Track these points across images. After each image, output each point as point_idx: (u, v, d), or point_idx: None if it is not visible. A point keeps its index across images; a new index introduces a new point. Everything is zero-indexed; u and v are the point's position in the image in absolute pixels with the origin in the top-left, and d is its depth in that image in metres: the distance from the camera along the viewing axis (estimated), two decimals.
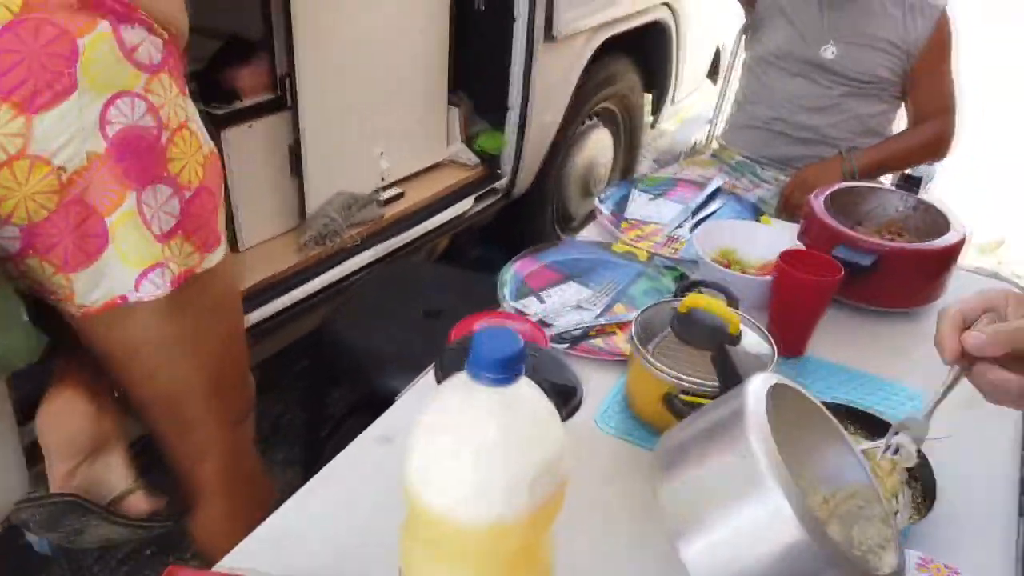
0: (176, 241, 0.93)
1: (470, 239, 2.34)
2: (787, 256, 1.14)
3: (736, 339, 0.96)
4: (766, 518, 0.54)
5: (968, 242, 1.24)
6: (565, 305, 1.23)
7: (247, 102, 1.54)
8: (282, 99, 1.54)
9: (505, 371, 0.50)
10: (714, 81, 2.55)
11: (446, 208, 1.94)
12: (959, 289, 1.28)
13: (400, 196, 1.87)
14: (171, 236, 0.92)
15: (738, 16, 2.15)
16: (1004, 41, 5.33)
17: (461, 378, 0.52)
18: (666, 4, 2.43)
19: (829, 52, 1.94)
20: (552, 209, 2.52)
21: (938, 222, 1.31)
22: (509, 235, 2.48)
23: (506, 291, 1.24)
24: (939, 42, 1.91)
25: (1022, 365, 0.65)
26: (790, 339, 1.15)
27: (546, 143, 2.19)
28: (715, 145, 2.20)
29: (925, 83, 1.94)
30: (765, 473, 0.55)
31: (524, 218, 2.42)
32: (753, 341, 1.01)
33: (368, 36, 1.66)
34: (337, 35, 1.57)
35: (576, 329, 1.17)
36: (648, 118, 2.95)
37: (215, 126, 1.48)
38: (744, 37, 2.17)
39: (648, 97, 2.85)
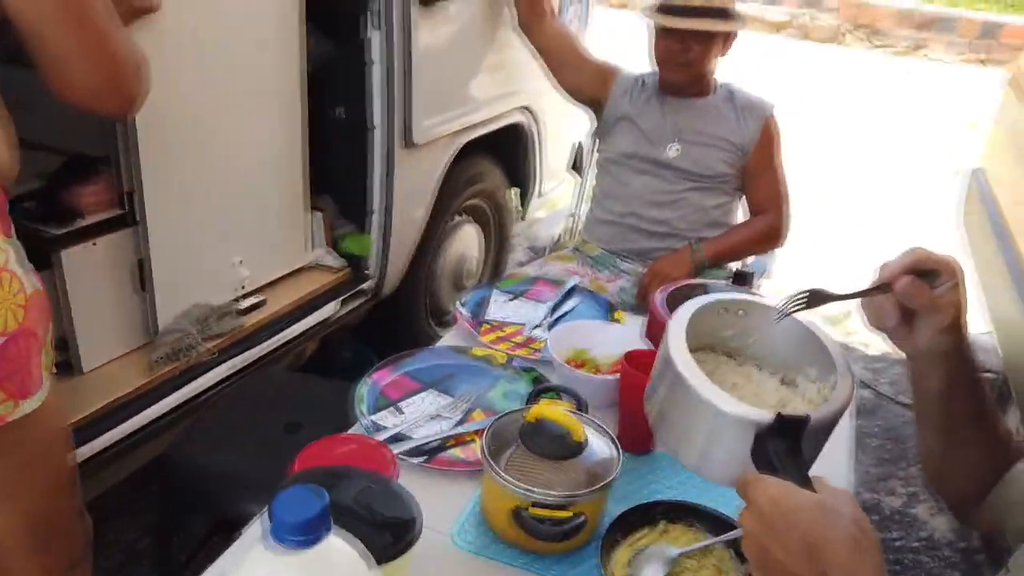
0: None
1: (341, 340, 2.31)
2: (632, 357, 1.19)
3: (581, 447, 0.99)
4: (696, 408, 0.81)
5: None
6: (423, 416, 1.23)
7: (89, 220, 1.48)
8: (128, 215, 1.50)
9: (306, 533, 0.49)
10: (577, 173, 2.70)
11: (310, 313, 1.91)
12: None
13: (261, 304, 1.83)
14: None
15: (591, 117, 2.30)
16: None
17: (267, 540, 0.51)
18: (524, 108, 2.57)
19: (672, 151, 2.09)
20: (424, 305, 2.54)
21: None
22: (382, 333, 2.46)
23: (363, 407, 1.23)
24: (767, 141, 2.11)
25: (912, 321, 0.83)
26: (637, 436, 1.19)
27: (412, 242, 2.22)
28: (577, 239, 2.30)
29: (758, 178, 2.13)
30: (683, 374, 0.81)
31: (396, 316, 2.42)
32: (599, 446, 1.04)
33: (218, 147, 1.65)
34: (185, 147, 1.55)
35: (433, 440, 1.17)
36: (517, 211, 3.05)
37: (53, 247, 1.42)
38: (595, 140, 2.32)
39: (516, 191, 2.97)
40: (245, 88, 1.70)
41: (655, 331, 1.37)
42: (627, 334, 1.40)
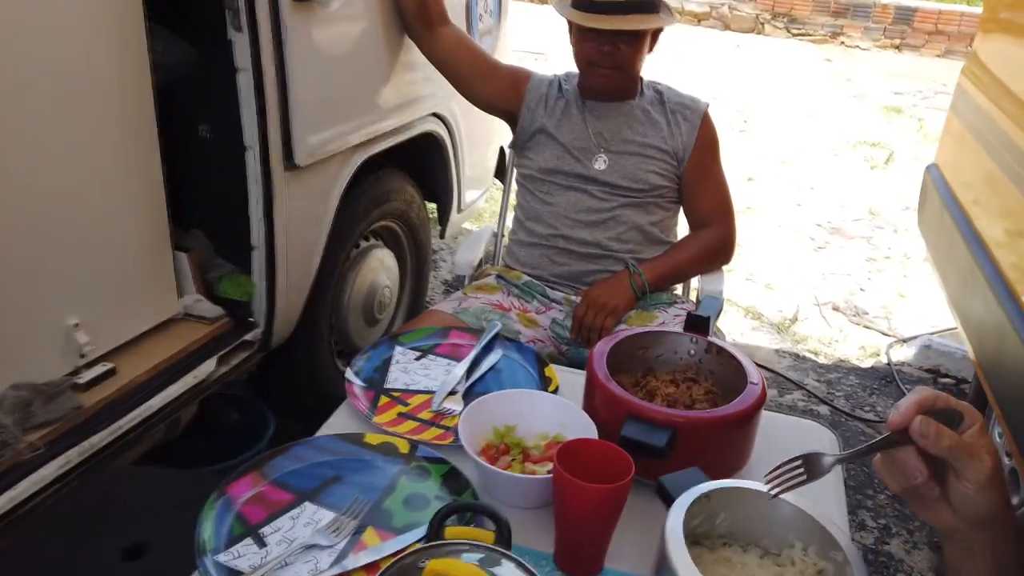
0: None
1: (229, 399, 1.96)
2: (566, 455, 0.90)
3: None
4: None
5: (765, 396, 1.08)
6: (294, 546, 0.91)
7: None
8: None
9: None
10: (503, 181, 2.41)
11: (179, 378, 1.55)
12: (771, 440, 1.13)
13: (110, 374, 1.47)
14: None
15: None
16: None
17: None
18: (435, 115, 2.25)
19: (599, 163, 1.83)
20: (330, 347, 2.20)
21: (731, 366, 1.15)
22: (280, 385, 2.12)
23: (206, 543, 0.90)
24: (704, 145, 1.86)
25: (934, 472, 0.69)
26: (579, 556, 0.91)
27: (308, 278, 1.88)
28: (500, 266, 2.01)
29: (698, 187, 1.88)
30: None
31: (296, 361, 2.08)
32: None
33: (39, 184, 1.30)
34: None
35: None
36: (436, 227, 2.74)
37: None
38: (513, 154, 2.04)
39: (434, 206, 2.65)
40: (66, 104, 1.34)
41: (597, 400, 1.09)
42: (561, 406, 1.11)
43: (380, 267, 2.32)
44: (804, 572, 0.80)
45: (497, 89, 1.90)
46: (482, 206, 3.16)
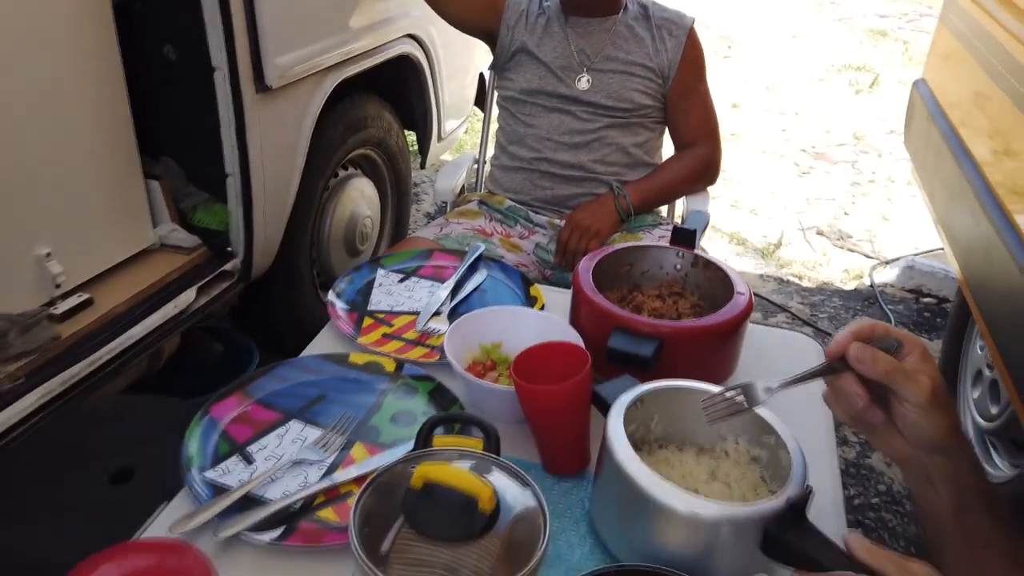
0: None
1: (211, 331, 1.93)
2: (522, 364, 0.90)
3: (489, 520, 0.69)
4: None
5: (752, 305, 1.07)
6: (281, 462, 0.91)
7: None
8: None
9: None
10: (482, 109, 2.34)
11: (158, 308, 1.52)
12: (758, 350, 1.13)
13: (87, 304, 1.44)
14: None
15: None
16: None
17: None
18: (411, 36, 2.17)
19: (582, 83, 1.78)
20: (312, 278, 2.17)
21: (718, 279, 1.14)
22: (262, 317, 2.09)
23: (192, 461, 0.89)
24: (690, 62, 1.81)
25: (875, 397, 0.71)
26: (561, 456, 0.91)
27: (286, 207, 1.83)
28: (483, 191, 1.97)
29: (683, 106, 1.84)
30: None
31: (278, 294, 2.05)
32: (517, 499, 0.74)
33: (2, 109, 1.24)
34: None
35: (293, 501, 0.85)
36: (415, 157, 2.68)
37: None
38: (493, 75, 1.97)
39: (414, 138, 2.59)
40: (20, 28, 1.27)
41: (583, 315, 1.08)
42: (547, 321, 1.10)
43: (360, 197, 2.28)
44: (738, 462, 0.84)
45: (474, 5, 1.82)
46: (463, 136, 3.09)
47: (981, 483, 0.73)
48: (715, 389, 0.81)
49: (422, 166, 2.65)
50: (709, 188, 1.92)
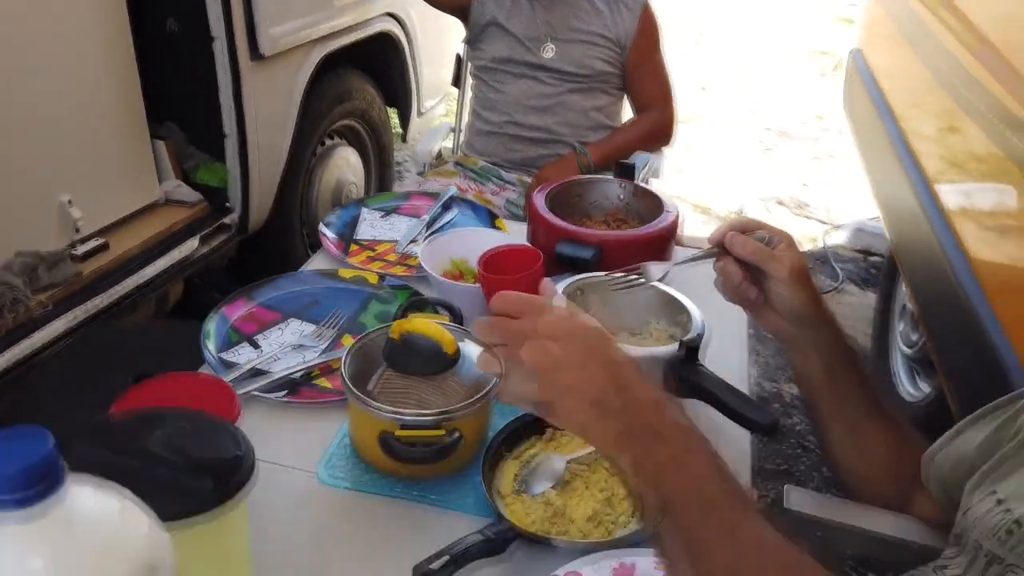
0: None
1: (212, 282, 2.11)
2: (489, 261, 1.09)
3: (453, 360, 0.88)
4: None
5: (682, 221, 1.27)
6: (283, 347, 1.09)
7: None
8: None
9: (26, 487, 0.36)
10: (457, 87, 2.53)
11: (164, 253, 1.71)
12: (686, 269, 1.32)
13: (103, 248, 1.62)
14: None
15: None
16: None
17: None
18: (391, 15, 2.36)
19: (548, 52, 1.97)
20: (302, 237, 2.35)
21: (655, 205, 1.33)
22: (258, 272, 2.27)
23: (210, 344, 1.08)
24: (646, 33, 2.00)
25: (754, 277, 0.86)
26: None
27: (277, 169, 2.02)
28: (459, 154, 2.16)
29: (640, 73, 2.03)
30: None
31: (271, 250, 2.23)
32: (471, 351, 0.93)
33: (28, 75, 1.42)
34: None
35: (295, 371, 1.04)
36: (397, 133, 2.87)
37: None
38: (467, 48, 2.16)
39: (395, 111, 2.77)
40: (49, 10, 1.45)
41: (539, 233, 1.27)
42: (508, 240, 1.29)
43: (345, 165, 2.46)
44: (659, 339, 1.00)
45: None
46: (441, 115, 3.28)
47: (846, 351, 0.88)
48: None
49: (404, 139, 2.83)
50: (665, 149, 2.12)
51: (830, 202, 3.50)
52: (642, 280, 0.94)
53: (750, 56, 5.47)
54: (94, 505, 0.40)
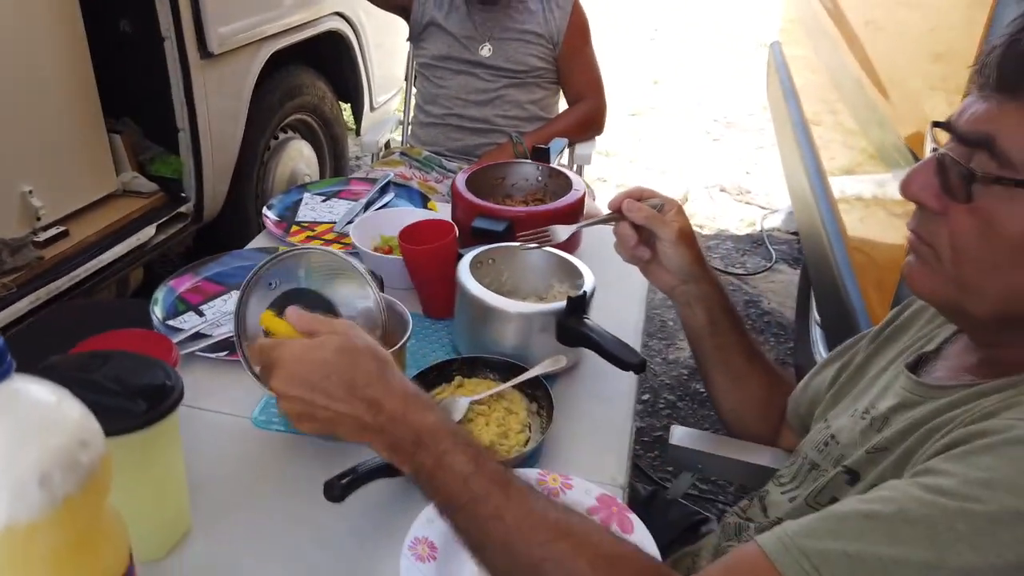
0: None
1: (168, 268, 2.23)
2: (407, 233, 1.23)
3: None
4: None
5: (587, 197, 1.41)
6: (227, 315, 1.22)
7: None
8: None
9: None
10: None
11: (122, 240, 1.82)
12: (596, 240, 1.46)
13: (64, 235, 1.73)
14: None
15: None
16: None
17: None
18: (338, 14, 2.48)
19: (485, 50, 2.10)
20: (258, 225, 2.46)
21: (568, 185, 1.48)
22: None
23: (156, 310, 1.20)
24: (576, 28, 2.15)
25: (647, 240, 0.98)
26: (436, 304, 1.24)
27: (231, 160, 2.14)
28: (404, 145, 2.29)
29: (572, 66, 2.18)
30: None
31: (227, 238, 2.34)
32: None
33: None
34: None
35: (233, 335, 1.17)
36: (349, 128, 2.99)
37: None
38: (411, 46, 2.29)
39: (348, 106, 2.90)
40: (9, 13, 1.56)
41: (459, 211, 1.41)
42: (432, 216, 1.42)
43: (299, 157, 2.58)
44: (560, 298, 1.12)
45: None
46: (396, 108, 3.40)
47: (726, 304, 1.03)
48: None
49: (357, 133, 2.95)
50: (598, 138, 2.27)
51: (770, 188, 3.68)
52: (549, 238, 1.07)
53: (702, 50, 5.65)
54: (37, 392, 0.53)
